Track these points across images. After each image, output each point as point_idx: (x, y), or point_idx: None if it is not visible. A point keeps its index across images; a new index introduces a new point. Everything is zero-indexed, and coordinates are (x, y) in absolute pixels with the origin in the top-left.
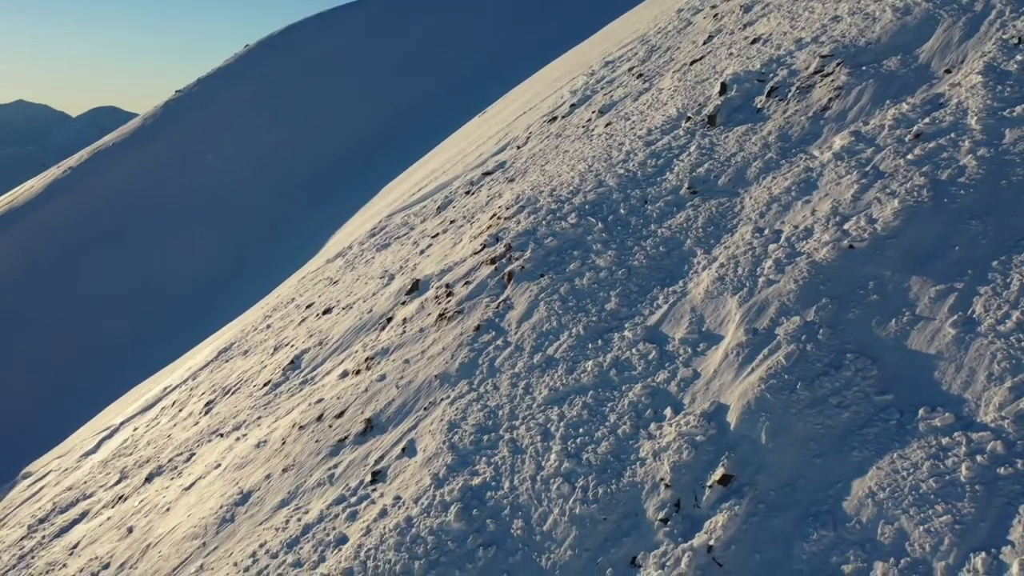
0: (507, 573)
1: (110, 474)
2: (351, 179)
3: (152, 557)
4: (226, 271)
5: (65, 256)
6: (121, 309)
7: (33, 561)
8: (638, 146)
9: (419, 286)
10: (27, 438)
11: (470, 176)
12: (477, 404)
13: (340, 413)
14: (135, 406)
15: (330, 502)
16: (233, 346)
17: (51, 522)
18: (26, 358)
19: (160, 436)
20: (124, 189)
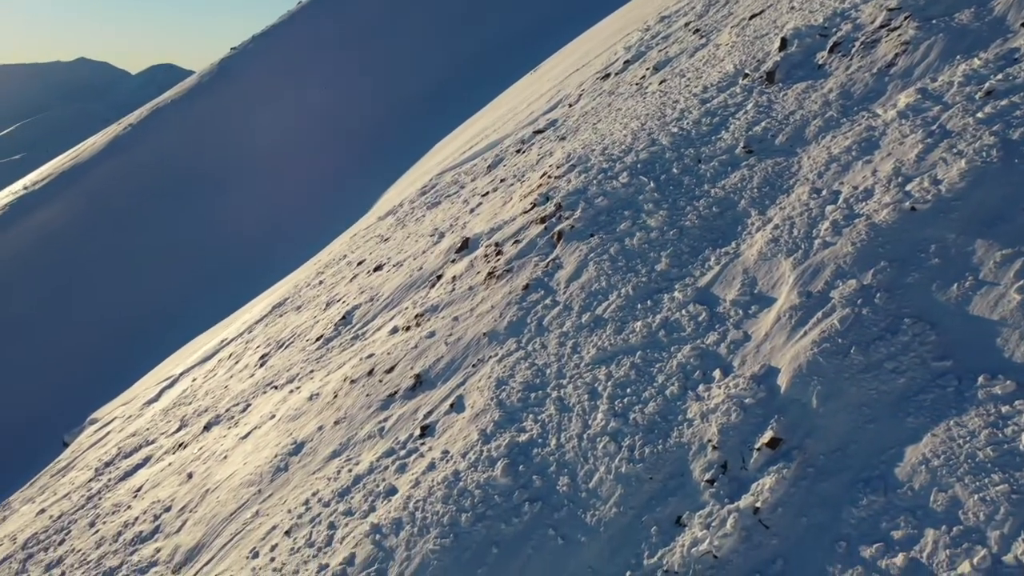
0: (552, 528)
1: (171, 422)
2: (402, 137)
3: (210, 502)
4: (280, 227)
5: (126, 210)
6: (180, 262)
7: (100, 502)
8: (693, 104)
9: (469, 244)
10: (93, 386)
11: (521, 134)
12: (525, 362)
13: (390, 368)
14: (194, 357)
15: (380, 454)
16: (287, 301)
17: (116, 466)
18: (90, 309)
19: (217, 387)
20: (181, 145)
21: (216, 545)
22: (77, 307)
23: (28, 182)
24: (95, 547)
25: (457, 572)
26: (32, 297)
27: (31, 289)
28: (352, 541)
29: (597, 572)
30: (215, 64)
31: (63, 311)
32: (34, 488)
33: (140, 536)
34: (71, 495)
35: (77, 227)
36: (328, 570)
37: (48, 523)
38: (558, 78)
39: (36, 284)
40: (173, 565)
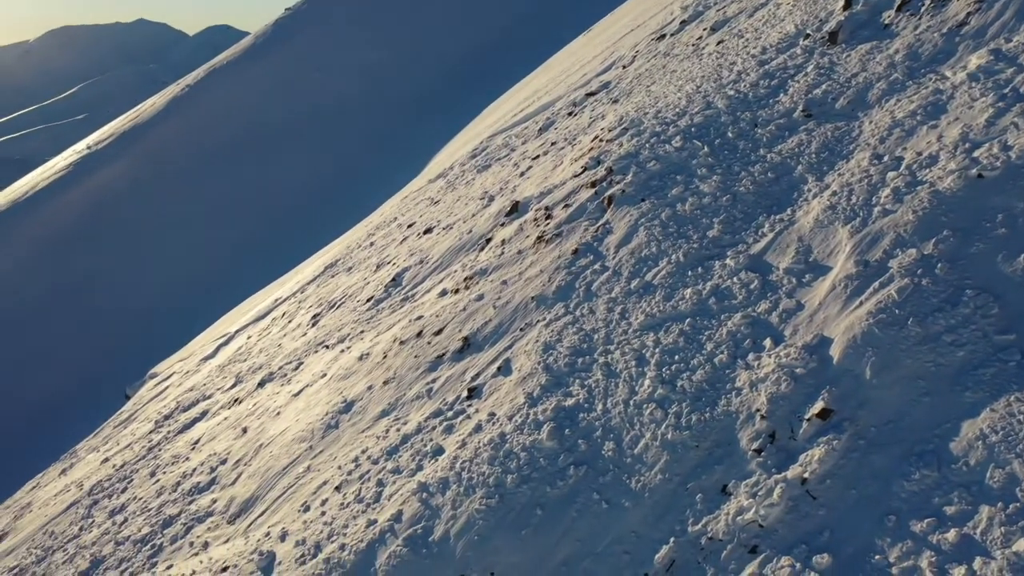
0: (597, 492)
1: (226, 378)
2: (454, 99)
3: (264, 456)
4: (332, 187)
5: (184, 170)
6: (236, 222)
7: (160, 453)
8: (751, 65)
9: (518, 208)
10: (153, 342)
11: (573, 97)
12: (572, 327)
13: (439, 330)
14: (249, 316)
15: (427, 415)
16: (338, 262)
17: (175, 419)
18: (150, 266)
19: (271, 345)
20: (237, 105)
21: (269, 498)
22: (138, 264)
23: (91, 141)
24: (155, 495)
25: (502, 532)
26: (96, 254)
27: (96, 246)
28: (400, 498)
29: (641, 537)
30: (269, 25)
31: (125, 268)
32: (98, 438)
33: (197, 487)
34: (133, 446)
35: (138, 186)
36: (376, 526)
37: (111, 471)
38: (612, 39)
39: (100, 242)
40: (228, 515)
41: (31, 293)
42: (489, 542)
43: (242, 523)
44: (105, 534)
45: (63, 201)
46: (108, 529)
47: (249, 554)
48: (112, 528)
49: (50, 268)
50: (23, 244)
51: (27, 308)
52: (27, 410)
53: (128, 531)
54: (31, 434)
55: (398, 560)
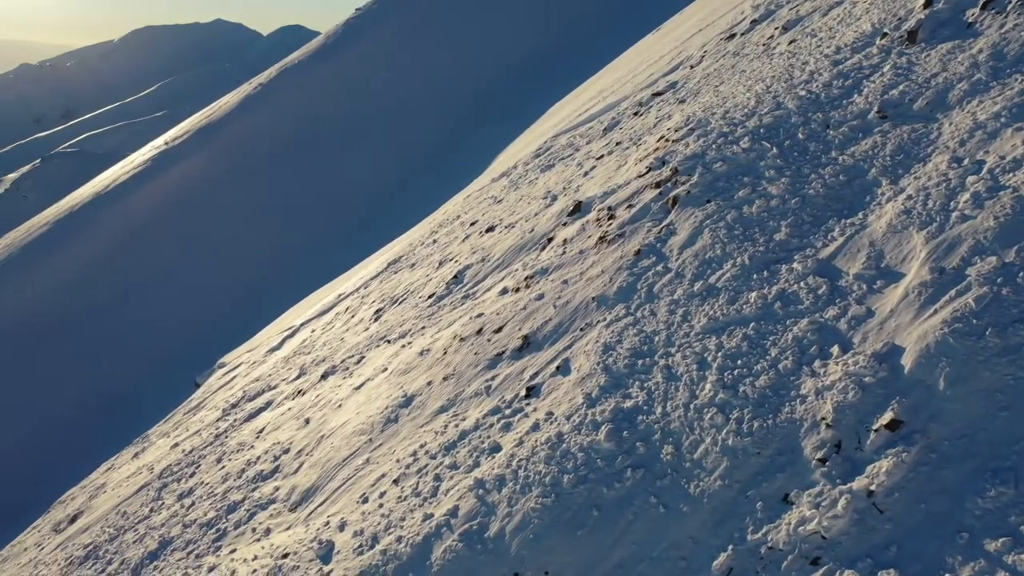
0: (654, 496)
1: (291, 370)
2: (518, 100)
3: (325, 447)
4: (397, 185)
5: (255, 166)
6: (304, 217)
7: (226, 440)
8: (824, 65)
9: (581, 208)
10: (222, 332)
11: (639, 97)
12: (633, 328)
13: (499, 328)
14: (313, 310)
15: (486, 412)
16: (401, 259)
17: (241, 408)
18: (222, 259)
19: (334, 339)
20: (306, 104)
21: (329, 488)
22: (211, 256)
23: (169, 137)
24: (221, 481)
25: (557, 532)
26: (171, 246)
27: (171, 239)
28: (456, 494)
29: (698, 543)
30: (340, 25)
31: (197, 260)
32: (169, 424)
33: (261, 474)
34: (201, 432)
35: (210, 181)
36: (433, 520)
37: (181, 456)
38: (680, 39)
39: (175, 234)
40: (290, 504)
41: (111, 282)
42: (544, 541)
43: (303, 511)
44: (173, 516)
45: (141, 194)
46: (176, 512)
47: (309, 542)
48: (180, 511)
49: (128, 259)
50: (105, 235)
51: (107, 296)
52: (104, 395)
53: (195, 514)
54: (107, 418)
55: (453, 555)
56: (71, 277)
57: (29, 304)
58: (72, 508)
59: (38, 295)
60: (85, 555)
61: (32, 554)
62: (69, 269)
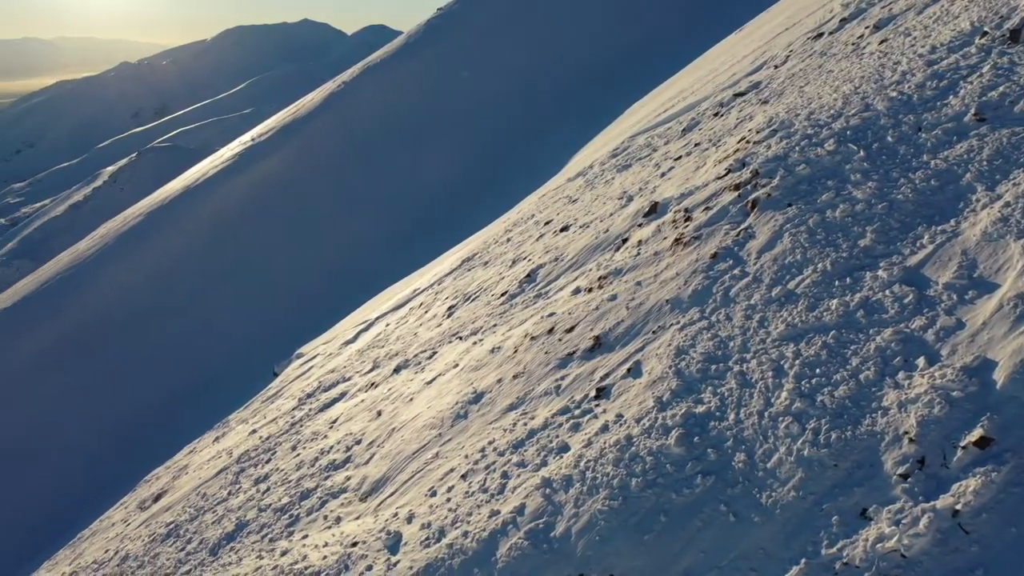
0: (724, 504)
1: (365, 362)
2: (598, 99)
3: (396, 440)
4: (473, 184)
5: (335, 163)
6: (383, 215)
7: (301, 429)
8: (917, 65)
9: (657, 209)
10: (300, 323)
11: (720, 97)
12: (707, 333)
13: (570, 328)
14: (388, 304)
15: (555, 411)
16: (475, 256)
17: (316, 398)
18: (302, 253)
19: (408, 333)
20: (386, 102)
21: (399, 480)
22: (292, 250)
23: (255, 134)
24: (295, 468)
25: (624, 535)
26: (255, 239)
27: (255, 232)
28: (523, 492)
29: (769, 555)
30: (421, 25)
31: (279, 253)
32: (248, 411)
33: (334, 464)
34: (278, 420)
35: (293, 177)
36: (499, 516)
37: (258, 443)
38: (764, 38)
39: (258, 227)
40: (360, 493)
41: (197, 272)
42: (610, 543)
43: (372, 502)
44: (249, 500)
45: (228, 188)
46: (252, 496)
47: (377, 532)
48: (256, 495)
49: (214, 250)
50: (193, 227)
51: (194, 286)
52: (188, 381)
53: (270, 499)
54: (191, 402)
55: (519, 552)
56: (161, 266)
57: (123, 291)
58: (156, 487)
59: (131, 283)
60: (167, 533)
61: (119, 529)
62: (159, 258)
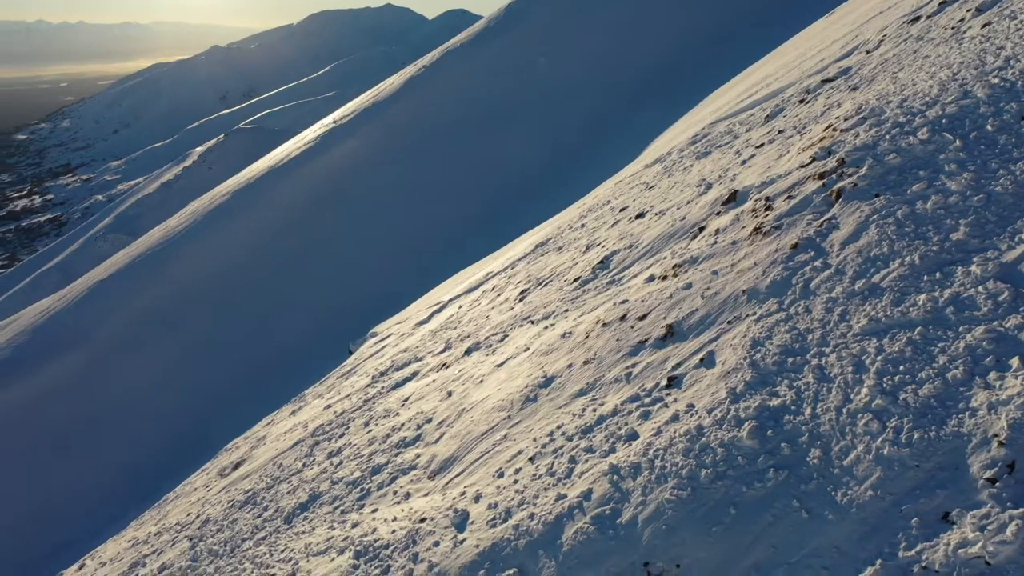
0: (797, 500)
1: (437, 343)
2: (678, 85)
3: (465, 420)
4: (549, 169)
5: (415, 146)
6: (459, 198)
7: (374, 406)
8: (1023, 51)
9: (736, 197)
10: (375, 303)
11: (807, 83)
12: (785, 325)
13: (643, 316)
14: (461, 287)
15: (625, 399)
16: (549, 241)
17: (389, 376)
18: (380, 234)
19: (480, 316)
20: (465, 86)
21: (467, 460)
22: (369, 231)
23: (337, 116)
24: (367, 444)
25: (691, 525)
26: (334, 219)
27: (334, 212)
28: (590, 477)
29: (843, 554)
30: (501, 10)
31: (356, 233)
32: (323, 386)
33: (404, 441)
34: (351, 396)
35: (373, 158)
36: (566, 500)
37: (332, 417)
38: (856, 22)
39: (338, 208)
40: (430, 471)
41: (280, 250)
42: (677, 533)
43: (441, 480)
44: (323, 472)
45: (310, 169)
46: (326, 468)
47: (445, 510)
48: (329, 468)
49: (296, 229)
50: (276, 206)
51: (276, 263)
52: (267, 356)
53: (342, 473)
54: (272, 375)
55: (584, 537)
56: (245, 244)
57: (208, 267)
58: (236, 456)
59: (216, 259)
60: (245, 500)
61: (200, 494)
62: (243, 236)
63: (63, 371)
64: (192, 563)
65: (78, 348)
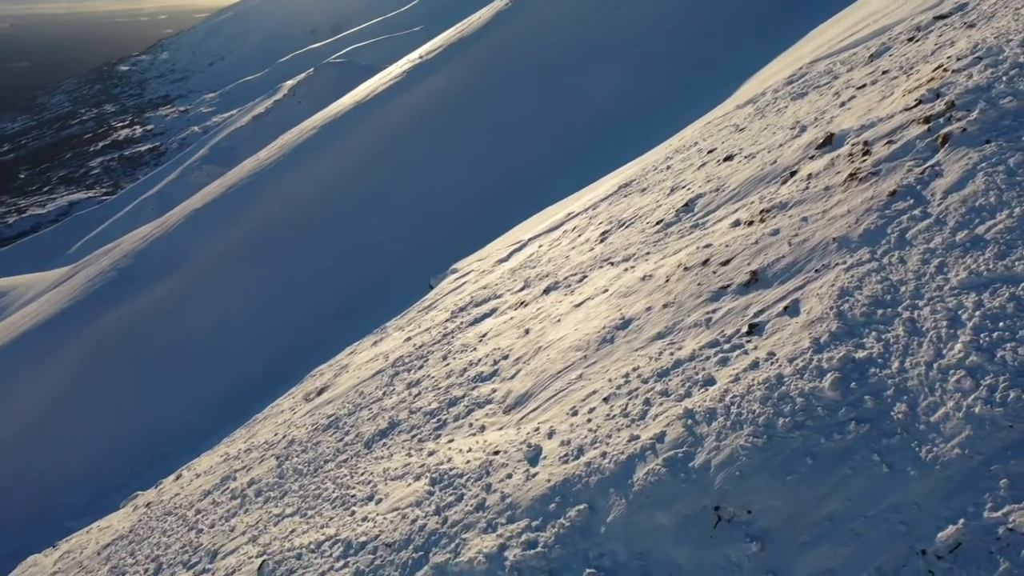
0: (878, 454)
1: (516, 281)
2: (774, 23)
3: (541, 358)
4: (638, 108)
5: (500, 83)
6: (541, 135)
7: (452, 340)
8: None
9: (832, 141)
10: (456, 239)
11: (917, 20)
12: (876, 275)
13: (726, 261)
14: (542, 226)
15: (703, 344)
16: (633, 183)
17: (468, 312)
18: (462, 170)
19: (559, 256)
20: (556, 22)
21: (542, 397)
22: (453, 167)
23: (423, 51)
24: (445, 377)
25: (766, 473)
26: (418, 155)
27: (419, 148)
28: (664, 420)
29: (924, 511)
30: None
31: (442, 170)
32: (404, 319)
33: (481, 376)
34: (431, 330)
35: (457, 95)
36: (638, 441)
37: (412, 350)
38: None
39: (423, 144)
40: (505, 406)
41: (364, 184)
42: (750, 480)
43: (515, 415)
44: (402, 402)
45: (395, 105)
46: (404, 398)
47: (519, 444)
48: (408, 398)
49: (380, 164)
50: (361, 141)
51: (360, 196)
52: (351, 287)
53: (420, 403)
54: (353, 308)
55: (655, 478)
56: (331, 177)
57: (298, 200)
58: (320, 382)
59: (304, 192)
60: (327, 424)
61: (287, 416)
62: (330, 170)
63: (163, 294)
64: (278, 479)
65: (176, 272)
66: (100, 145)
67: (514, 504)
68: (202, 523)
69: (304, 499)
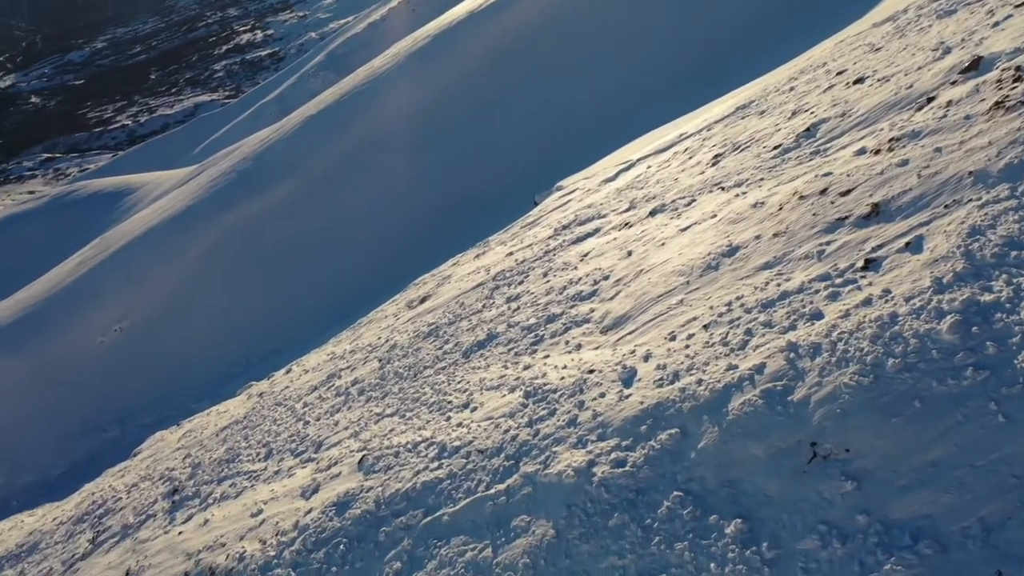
0: (995, 403)
1: (621, 202)
2: None
3: (642, 281)
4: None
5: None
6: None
7: (554, 257)
8: None
9: (980, 65)
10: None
11: None
12: (1014, 214)
13: (846, 191)
14: (651, 146)
15: (813, 277)
16: (752, 104)
17: (571, 230)
18: (574, 87)
19: (668, 178)
20: None
21: (640, 320)
22: (564, 83)
23: None
24: (544, 294)
25: (869, 412)
26: (528, 69)
27: (529, 62)
28: (765, 351)
29: None
30: None
31: (549, 85)
32: (507, 235)
33: (580, 295)
34: (533, 246)
35: (575, 7)
36: (736, 371)
37: (513, 264)
38: None
39: (533, 58)
40: (602, 327)
41: (473, 96)
42: (851, 419)
43: (612, 336)
44: (500, 315)
45: (509, 15)
46: (503, 312)
47: (614, 364)
48: (507, 312)
49: (490, 77)
50: (472, 53)
51: (470, 110)
52: (456, 199)
53: (518, 318)
54: (458, 220)
55: (751, 409)
56: (442, 88)
57: (410, 109)
58: (423, 291)
59: (415, 101)
60: (428, 331)
61: (390, 322)
62: (440, 80)
63: (279, 197)
64: (380, 381)
65: (291, 176)
66: (224, 48)
67: (605, 423)
68: (309, 415)
69: (403, 401)
